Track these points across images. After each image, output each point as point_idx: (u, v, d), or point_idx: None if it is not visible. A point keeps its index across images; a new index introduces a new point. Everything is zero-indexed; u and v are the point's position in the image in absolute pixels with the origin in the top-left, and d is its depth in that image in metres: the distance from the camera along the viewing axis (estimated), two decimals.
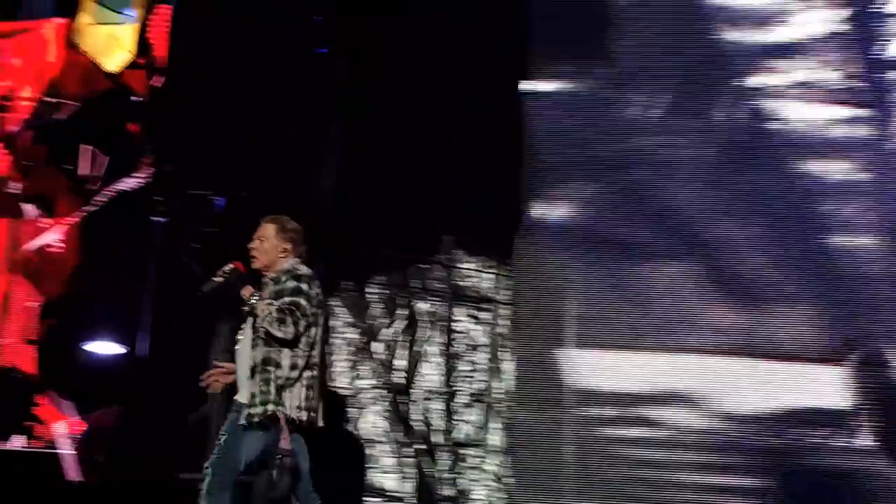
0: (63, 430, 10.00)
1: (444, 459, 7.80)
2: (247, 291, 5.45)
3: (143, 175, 11.33)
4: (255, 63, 7.42)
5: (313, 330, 5.46)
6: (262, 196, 7.49)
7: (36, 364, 11.38)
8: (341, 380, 7.80)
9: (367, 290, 7.88)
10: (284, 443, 5.25)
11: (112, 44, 6.83)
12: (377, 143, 7.67)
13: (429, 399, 7.85)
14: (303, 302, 5.43)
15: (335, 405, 7.49)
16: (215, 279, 5.47)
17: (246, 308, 5.42)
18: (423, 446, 7.76)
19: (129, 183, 11.30)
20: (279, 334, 5.36)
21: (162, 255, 7.30)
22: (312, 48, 7.61)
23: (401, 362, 7.88)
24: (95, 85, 12.11)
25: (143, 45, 7.68)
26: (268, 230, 5.71)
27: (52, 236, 11.45)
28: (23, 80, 12.62)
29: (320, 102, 7.52)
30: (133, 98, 10.78)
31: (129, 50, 6.96)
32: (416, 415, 7.82)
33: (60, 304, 11.38)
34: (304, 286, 5.46)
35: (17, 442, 9.73)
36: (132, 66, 7.55)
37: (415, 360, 7.89)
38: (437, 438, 7.80)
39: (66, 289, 10.62)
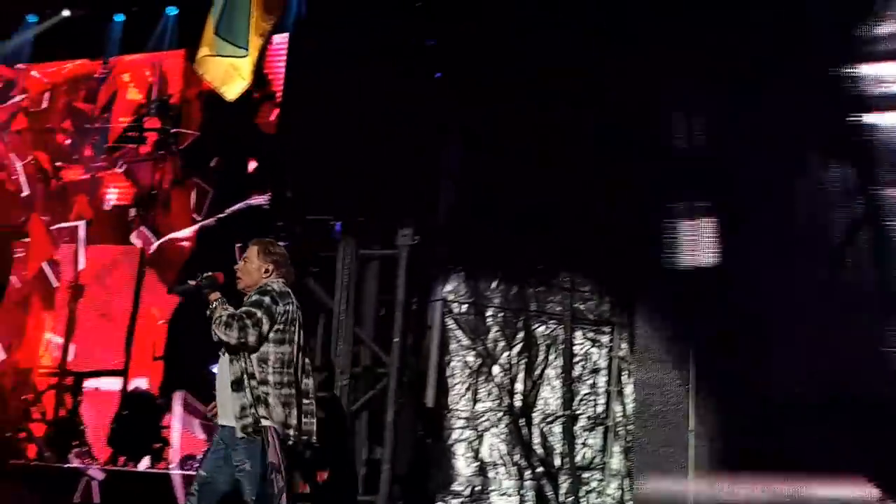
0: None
1: (564, 483, 7.73)
2: (213, 297, 5.48)
3: (262, 200, 11.61)
4: (369, 89, 7.51)
5: (285, 347, 5.47)
6: (379, 221, 7.60)
7: (162, 381, 11.75)
8: (460, 403, 7.81)
9: (485, 313, 7.87)
10: (272, 455, 5.28)
11: (232, 74, 7.03)
12: (492, 167, 7.66)
13: (549, 422, 7.80)
14: (258, 313, 5.42)
15: None
16: (190, 282, 5.54)
17: (207, 312, 5.45)
18: (544, 469, 7.71)
19: (257, 201, 11.59)
20: (223, 336, 5.39)
21: None
22: (427, 73, 7.66)
23: (520, 385, 7.85)
24: (214, 114, 12.50)
25: (260, 74, 7.86)
26: (252, 251, 5.74)
27: (184, 233, 11.83)
28: (145, 113, 13.08)
29: (434, 127, 7.56)
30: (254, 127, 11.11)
31: (247, 79, 7.13)
32: (536, 438, 7.78)
33: (186, 322, 11.73)
34: (267, 299, 5.46)
35: (143, 463, 10.02)
36: (250, 96, 7.70)
37: (534, 384, 7.85)
38: (557, 462, 7.74)
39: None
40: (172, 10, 12.09)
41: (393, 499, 7.33)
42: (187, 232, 12.08)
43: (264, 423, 5.31)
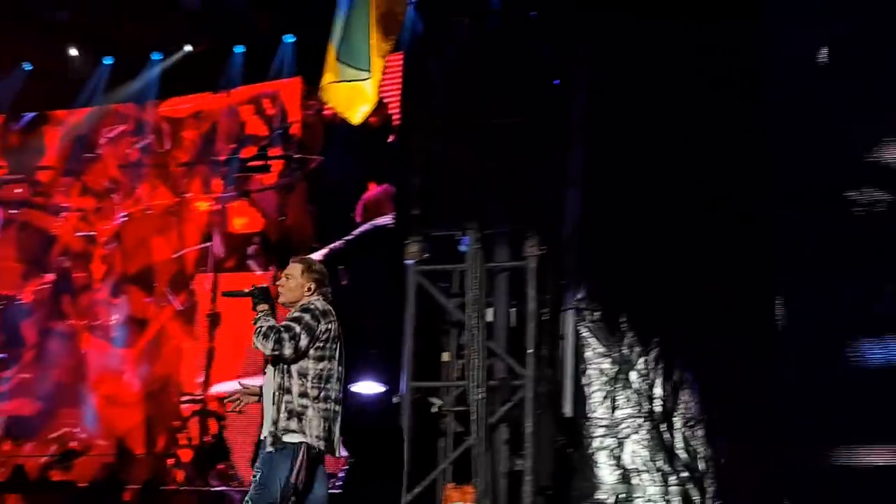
0: None
1: (710, 487, 7.57)
2: (260, 307, 5.61)
3: (387, 220, 11.73)
4: (488, 100, 7.51)
5: (325, 363, 5.55)
6: (506, 232, 7.58)
7: None
8: (598, 411, 7.72)
9: (620, 319, 7.76)
10: (294, 477, 5.30)
11: (355, 98, 7.12)
12: (620, 170, 7.57)
13: (691, 426, 7.64)
14: (296, 328, 5.50)
15: None
16: (245, 290, 5.72)
17: (253, 321, 5.61)
18: (688, 474, 7.55)
19: (382, 221, 11.72)
20: (259, 346, 5.51)
21: (417, 296, 7.47)
22: (549, 80, 7.62)
23: (659, 390, 7.71)
24: (334, 139, 12.69)
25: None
26: (294, 269, 5.82)
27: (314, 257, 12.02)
28: (267, 143, 13.36)
29: (560, 133, 7.51)
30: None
31: (371, 102, 7.22)
32: (679, 443, 7.63)
33: None
34: (307, 316, 5.55)
35: None
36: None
37: (673, 388, 7.71)
38: (702, 466, 7.57)
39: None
40: (289, 38, 12.34)
41: None
42: (317, 256, 12.27)
43: (295, 439, 5.42)
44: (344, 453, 10.36)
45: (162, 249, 13.57)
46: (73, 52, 13.19)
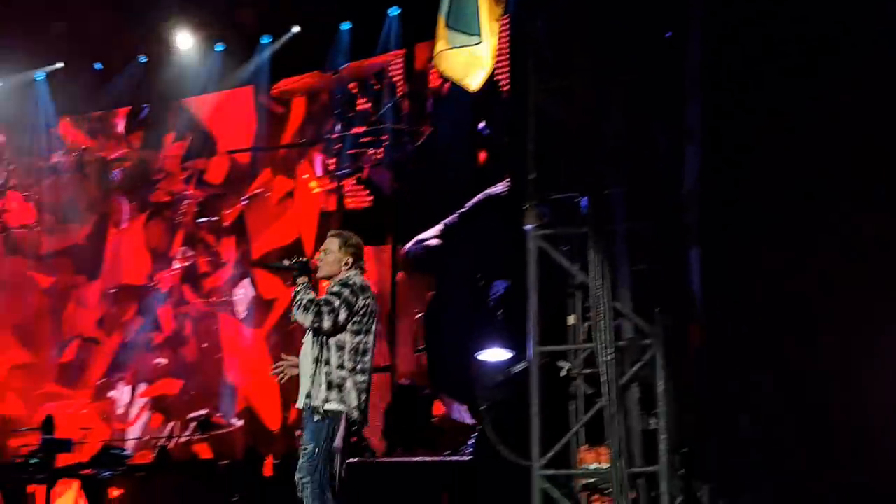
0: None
1: None
2: (300, 280, 5.91)
3: (500, 188, 11.69)
4: (602, 58, 7.36)
5: (361, 337, 5.88)
6: (627, 194, 7.46)
7: (427, 372, 12.06)
8: None
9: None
10: (339, 440, 5.68)
11: (471, 64, 7.09)
12: (741, 130, 7.32)
13: None
14: (335, 302, 5.81)
15: None
16: (285, 262, 6.02)
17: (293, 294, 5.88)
18: None
19: (495, 190, 11.69)
20: (299, 318, 5.85)
21: (539, 261, 7.42)
22: (661, 33, 7.45)
23: None
24: (444, 110, 12.67)
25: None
26: (332, 243, 6.11)
27: (429, 233, 12.09)
28: (375, 119, 13.43)
29: (676, 88, 7.33)
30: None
31: (488, 67, 7.18)
32: None
33: (442, 313, 11.98)
34: (347, 291, 5.87)
35: (420, 454, 10.31)
36: None
37: None
38: None
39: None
40: (394, 11, 12.36)
41: (674, 468, 7.22)
42: (434, 231, 12.33)
43: (337, 407, 5.71)
44: (469, 420, 10.47)
45: (282, 231, 13.83)
46: (185, 41, 13.47)
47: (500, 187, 11.62)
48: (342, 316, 5.84)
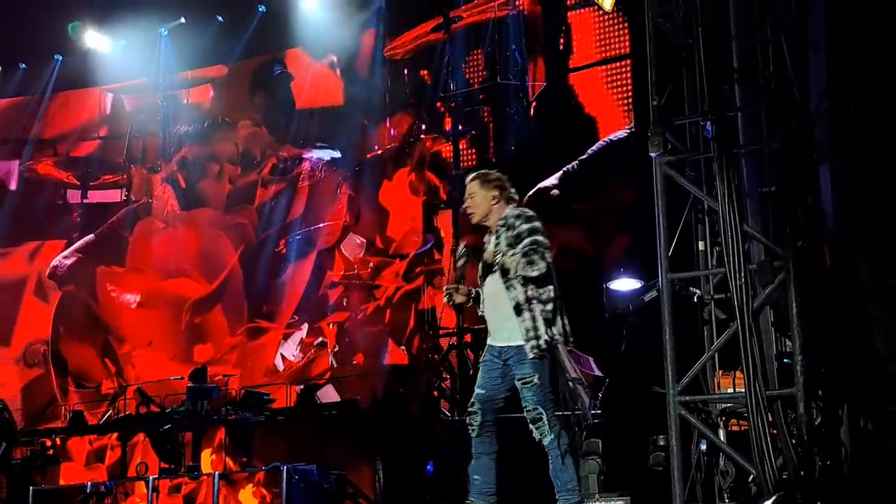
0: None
1: None
2: (488, 256, 5.98)
3: (623, 134, 11.66)
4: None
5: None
6: (752, 113, 7.36)
7: None
8: None
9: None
10: (572, 371, 5.85)
11: None
12: (866, 38, 7.12)
13: None
14: (541, 238, 5.89)
15: None
16: (457, 260, 6.13)
17: (496, 268, 5.93)
18: None
19: (617, 136, 11.69)
20: (535, 274, 5.87)
21: (665, 187, 7.41)
22: None
23: None
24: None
25: None
26: (473, 186, 6.17)
27: (550, 181, 12.17)
28: (487, 76, 13.46)
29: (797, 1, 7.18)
30: None
31: None
32: None
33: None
34: (538, 223, 5.94)
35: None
36: None
37: None
38: None
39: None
40: None
41: (810, 390, 7.15)
42: (553, 179, 12.39)
43: (555, 339, 5.93)
44: (598, 372, 10.48)
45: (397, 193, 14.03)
46: None
47: (621, 133, 11.61)
48: (548, 256, 5.99)
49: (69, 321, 15.19)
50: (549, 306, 5.99)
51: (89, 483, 10.58)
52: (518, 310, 6.04)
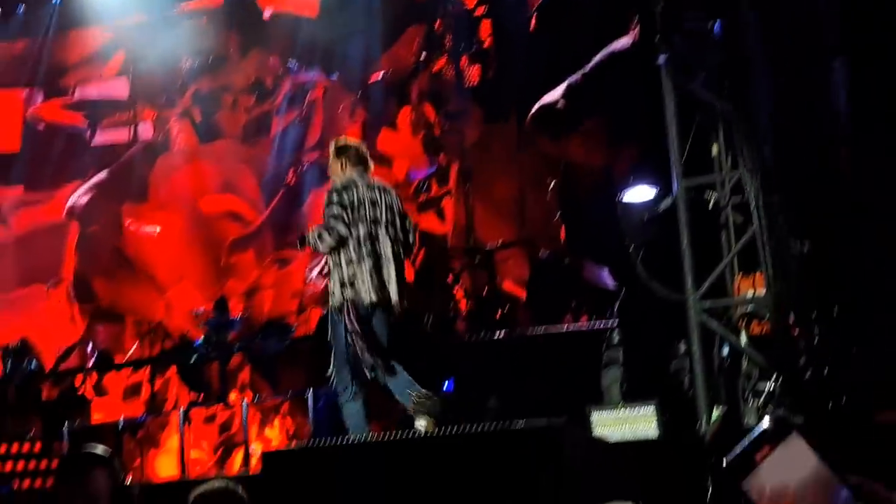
0: None
1: None
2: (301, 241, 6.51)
3: (625, 43, 11.48)
4: None
5: (358, 228, 6.35)
6: (757, 17, 7.23)
7: (564, 244, 12.12)
8: None
9: None
10: (349, 324, 6.26)
11: None
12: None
13: None
14: (327, 215, 6.34)
15: None
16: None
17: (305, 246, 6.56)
18: None
19: (619, 45, 11.51)
20: (324, 250, 6.41)
21: (676, 93, 7.34)
22: None
23: None
24: None
25: None
26: (330, 153, 6.69)
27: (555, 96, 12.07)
28: None
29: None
30: None
31: None
32: None
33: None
34: (334, 197, 6.38)
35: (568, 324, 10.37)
36: None
37: None
38: None
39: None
40: None
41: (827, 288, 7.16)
42: (557, 92, 12.24)
43: (346, 296, 6.33)
44: (612, 284, 10.48)
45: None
46: None
47: (623, 42, 11.43)
48: (341, 228, 6.36)
49: (95, 259, 15.27)
50: (347, 269, 6.40)
51: (122, 418, 10.74)
52: (328, 272, 6.61)
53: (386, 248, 6.46)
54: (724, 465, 2.14)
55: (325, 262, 6.90)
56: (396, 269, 6.48)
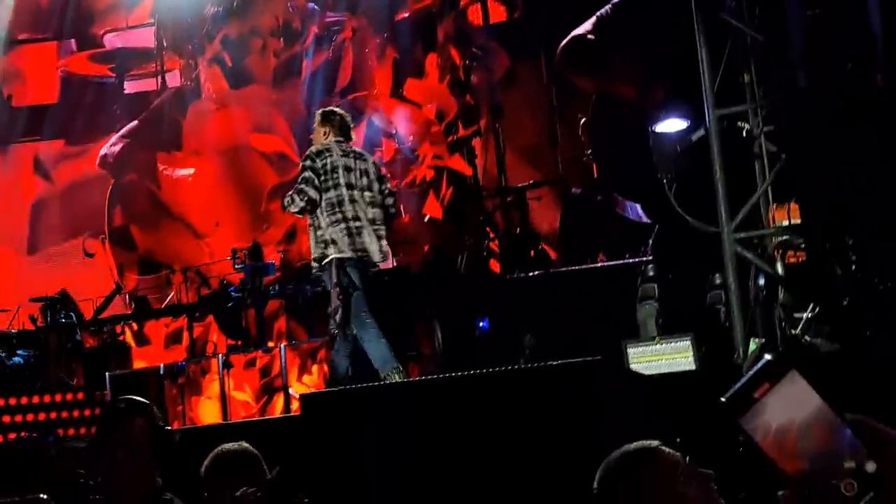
0: None
1: None
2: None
3: None
4: None
5: (331, 192, 6.70)
6: None
7: (595, 183, 12.02)
8: None
9: None
10: (329, 278, 6.73)
11: None
12: None
13: None
14: (299, 179, 6.73)
15: None
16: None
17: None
18: None
19: None
20: (295, 211, 6.83)
21: (705, 26, 7.20)
22: None
23: None
24: None
25: None
26: (315, 123, 7.04)
27: (584, 29, 11.89)
28: None
29: None
30: None
31: None
32: None
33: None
34: (307, 162, 6.77)
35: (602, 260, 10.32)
36: None
37: None
38: None
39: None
40: None
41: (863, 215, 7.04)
42: (587, 25, 12.06)
43: (329, 256, 6.74)
44: (646, 219, 10.39)
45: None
46: None
47: None
48: (311, 192, 6.68)
49: (131, 208, 15.37)
50: (326, 230, 6.77)
51: (162, 365, 10.88)
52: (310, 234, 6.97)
53: (361, 211, 6.75)
54: (722, 401, 2.12)
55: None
56: (376, 231, 6.83)
